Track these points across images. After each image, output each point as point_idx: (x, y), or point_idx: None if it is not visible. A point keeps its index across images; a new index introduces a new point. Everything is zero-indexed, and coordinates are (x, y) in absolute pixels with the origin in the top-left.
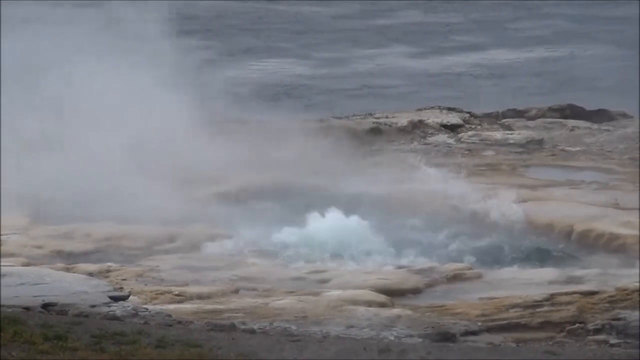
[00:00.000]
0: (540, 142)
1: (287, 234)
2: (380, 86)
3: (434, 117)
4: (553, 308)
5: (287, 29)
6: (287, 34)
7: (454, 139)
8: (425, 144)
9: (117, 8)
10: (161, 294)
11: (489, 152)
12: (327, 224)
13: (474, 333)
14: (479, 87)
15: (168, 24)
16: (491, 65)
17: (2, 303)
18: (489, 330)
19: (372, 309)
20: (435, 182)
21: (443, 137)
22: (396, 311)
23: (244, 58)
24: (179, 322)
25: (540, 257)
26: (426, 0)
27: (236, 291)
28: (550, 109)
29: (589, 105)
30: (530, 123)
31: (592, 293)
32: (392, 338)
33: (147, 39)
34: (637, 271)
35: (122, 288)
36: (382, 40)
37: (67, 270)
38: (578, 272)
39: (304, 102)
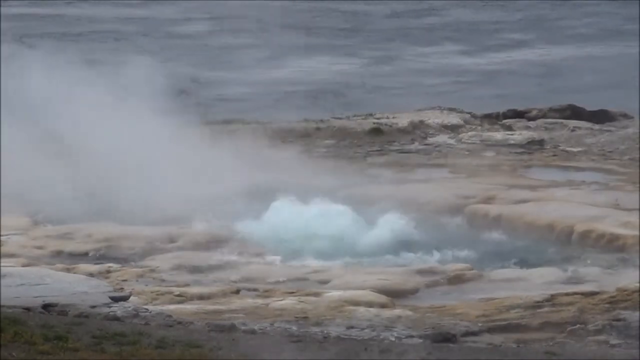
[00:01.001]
0: (541, 143)
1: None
2: (427, 84)
3: (434, 118)
4: (554, 308)
5: (339, 27)
6: (340, 32)
7: (454, 139)
8: (425, 144)
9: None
10: (162, 294)
11: (490, 153)
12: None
13: (474, 334)
14: (529, 84)
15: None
16: (540, 63)
17: (2, 303)
18: (490, 330)
19: (373, 310)
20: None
21: (444, 138)
22: (397, 312)
23: (295, 56)
24: (180, 323)
25: (540, 257)
26: (475, 0)
27: (237, 292)
28: (551, 110)
29: None
30: (531, 123)
31: (592, 293)
32: (393, 339)
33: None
34: (638, 271)
35: (122, 288)
36: (432, 38)
37: (68, 270)
38: (578, 272)
39: (347, 100)
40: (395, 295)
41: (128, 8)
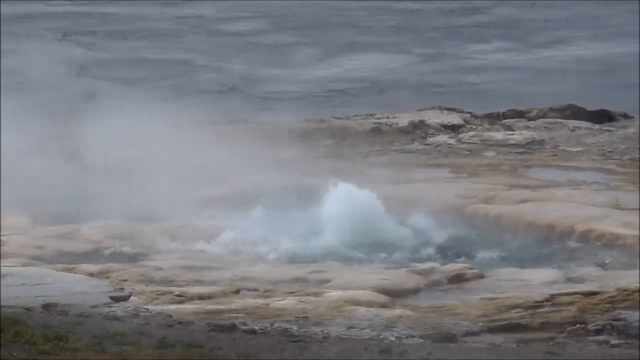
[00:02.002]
0: (541, 143)
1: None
2: (471, 82)
3: (434, 118)
4: (554, 308)
5: (389, 25)
6: (390, 29)
7: (454, 139)
8: (426, 144)
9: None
10: (162, 294)
11: (490, 153)
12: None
13: (474, 333)
14: (583, 81)
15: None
16: (590, 60)
17: (2, 303)
18: (490, 330)
19: (373, 310)
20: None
21: (444, 138)
22: (397, 312)
23: (345, 54)
24: (180, 323)
25: (541, 257)
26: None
27: (237, 291)
28: (551, 110)
29: None
30: (531, 123)
31: (592, 293)
32: (393, 338)
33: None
34: (638, 271)
35: (122, 288)
36: (482, 35)
37: (68, 270)
38: (579, 272)
39: (389, 97)
40: (395, 295)
41: (170, 7)
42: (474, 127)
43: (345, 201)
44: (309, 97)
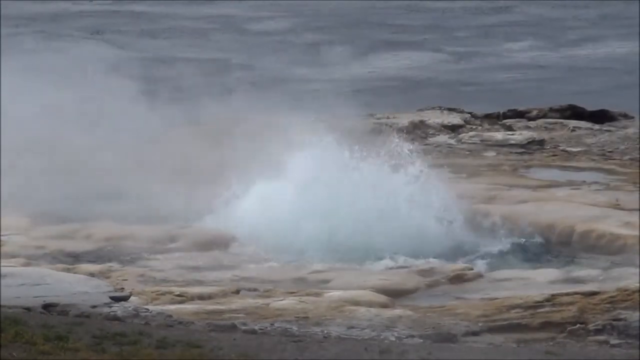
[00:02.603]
0: (541, 143)
1: None
2: (500, 81)
3: (434, 118)
4: (554, 308)
5: (419, 24)
6: (420, 28)
7: (454, 139)
8: (426, 144)
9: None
10: (162, 294)
11: (490, 153)
12: None
13: (474, 333)
14: (609, 82)
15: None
16: (617, 59)
17: (2, 303)
18: (490, 330)
19: (373, 310)
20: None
21: (444, 138)
22: (397, 312)
23: (377, 52)
24: (180, 323)
25: (541, 257)
26: (556, 0)
27: (237, 292)
28: (551, 110)
29: None
30: (531, 123)
31: (593, 293)
32: (393, 338)
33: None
34: (638, 271)
35: (123, 288)
36: (512, 34)
37: (68, 270)
38: (579, 272)
39: (417, 96)
40: (395, 295)
41: (200, 6)
42: (474, 127)
43: None
44: (340, 95)
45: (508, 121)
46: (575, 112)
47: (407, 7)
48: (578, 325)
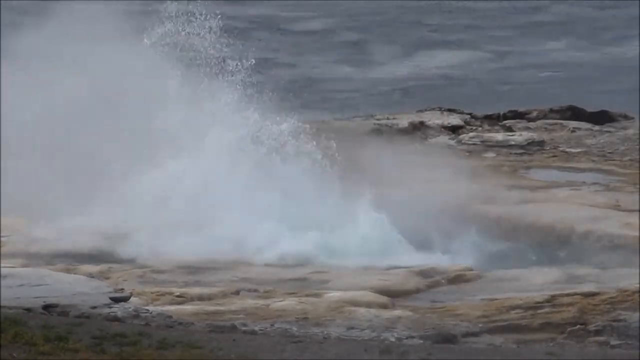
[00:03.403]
0: (541, 144)
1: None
2: (536, 81)
3: (434, 119)
4: (554, 309)
5: (456, 23)
6: (459, 27)
7: (454, 140)
8: (426, 145)
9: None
10: (162, 295)
11: (490, 154)
12: None
13: (474, 334)
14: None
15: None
16: None
17: (2, 304)
18: (490, 331)
19: (373, 310)
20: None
21: (444, 139)
22: (397, 312)
23: (416, 51)
24: (180, 324)
25: (541, 258)
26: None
27: (237, 292)
28: (551, 111)
29: None
30: (531, 124)
31: (593, 294)
32: (393, 339)
33: None
34: (638, 272)
35: (123, 289)
36: (549, 33)
37: (68, 271)
38: (579, 273)
39: (460, 93)
40: (395, 295)
41: (240, 6)
42: (474, 128)
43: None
44: (381, 94)
45: (508, 122)
46: (575, 113)
47: (439, 7)
48: (578, 326)
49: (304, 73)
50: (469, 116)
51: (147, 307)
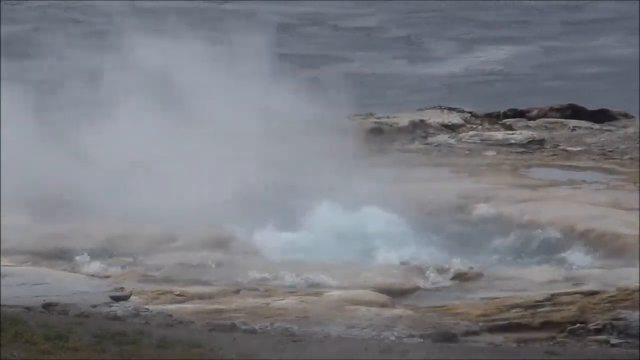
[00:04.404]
0: (541, 142)
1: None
2: (586, 77)
3: (435, 117)
4: (554, 308)
5: (510, 20)
6: (512, 24)
7: (455, 139)
8: (426, 144)
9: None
10: (162, 294)
11: (490, 152)
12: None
13: (475, 333)
14: None
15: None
16: None
17: (3, 303)
18: (490, 330)
19: (373, 309)
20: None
21: (444, 137)
22: (397, 311)
23: (470, 48)
24: (180, 323)
25: (541, 257)
26: None
27: (237, 291)
28: (552, 109)
29: None
30: (532, 123)
31: (593, 293)
32: (393, 338)
33: None
34: (638, 271)
35: (123, 288)
36: (598, 30)
37: (68, 270)
38: (579, 272)
39: (517, 88)
40: (395, 294)
41: (288, 6)
42: (474, 126)
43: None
44: (429, 90)
45: (508, 121)
46: (575, 112)
47: (484, 6)
48: (578, 325)
49: (354, 69)
50: (469, 115)
51: (147, 306)
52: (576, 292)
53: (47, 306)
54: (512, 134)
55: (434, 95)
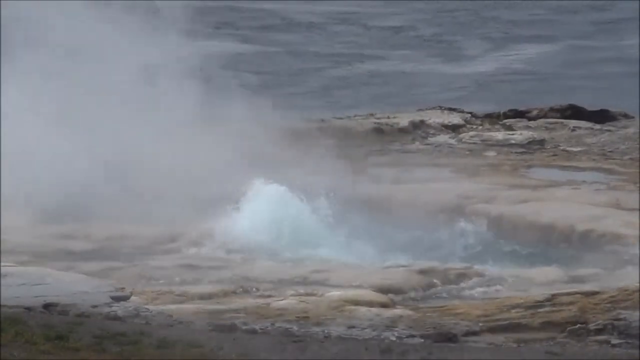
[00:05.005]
0: (541, 143)
1: None
2: (614, 76)
3: (435, 118)
4: (554, 308)
5: (540, 19)
6: (542, 23)
7: (455, 139)
8: (426, 144)
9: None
10: (162, 294)
11: (491, 153)
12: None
13: (475, 333)
14: None
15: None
16: None
17: (3, 303)
18: (490, 330)
19: (374, 309)
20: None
21: (444, 138)
22: (397, 311)
23: (501, 47)
24: (181, 323)
25: (541, 257)
26: None
27: (237, 291)
28: (552, 110)
29: None
30: (532, 123)
31: (593, 293)
32: (394, 338)
33: None
34: (638, 271)
35: (123, 288)
36: (625, 30)
37: (68, 270)
38: (579, 272)
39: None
40: (396, 294)
41: (319, 5)
42: (475, 127)
43: None
44: (458, 89)
45: (508, 121)
46: (575, 112)
47: (512, 5)
48: (578, 325)
49: (383, 67)
50: (469, 115)
51: (147, 306)
52: (576, 293)
53: (47, 306)
54: (513, 134)
55: (462, 93)
